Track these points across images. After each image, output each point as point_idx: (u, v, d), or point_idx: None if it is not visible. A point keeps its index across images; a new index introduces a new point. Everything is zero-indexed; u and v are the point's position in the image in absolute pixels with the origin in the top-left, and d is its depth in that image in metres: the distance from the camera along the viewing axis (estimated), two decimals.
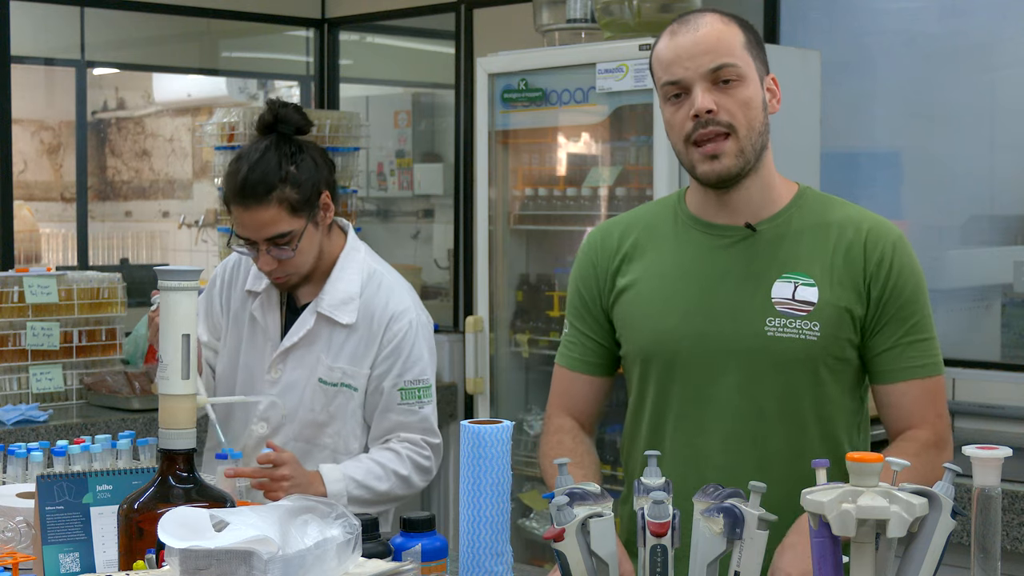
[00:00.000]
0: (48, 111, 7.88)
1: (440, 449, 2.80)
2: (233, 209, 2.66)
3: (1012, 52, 4.18)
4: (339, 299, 2.74)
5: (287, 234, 2.64)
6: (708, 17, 2.12)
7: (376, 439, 2.78)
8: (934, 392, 2.13)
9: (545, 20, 4.48)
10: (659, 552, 1.73)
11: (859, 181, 4.45)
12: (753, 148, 2.10)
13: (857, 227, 2.14)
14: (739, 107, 2.07)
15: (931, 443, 2.09)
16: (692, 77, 2.07)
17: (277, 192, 2.62)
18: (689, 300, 2.15)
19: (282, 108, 2.71)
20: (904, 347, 2.11)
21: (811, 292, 2.10)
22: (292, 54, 6.50)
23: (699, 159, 2.10)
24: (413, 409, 2.75)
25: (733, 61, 2.08)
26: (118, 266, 7.79)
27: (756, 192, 2.15)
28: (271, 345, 2.79)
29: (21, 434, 3.91)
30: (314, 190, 2.67)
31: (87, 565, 1.95)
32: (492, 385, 4.54)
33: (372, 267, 2.81)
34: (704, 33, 2.09)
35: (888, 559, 1.60)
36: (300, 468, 2.61)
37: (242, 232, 2.68)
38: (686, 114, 2.08)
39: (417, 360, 2.75)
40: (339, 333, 2.75)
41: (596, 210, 4.31)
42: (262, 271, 2.71)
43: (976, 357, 4.10)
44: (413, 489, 2.77)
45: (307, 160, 2.68)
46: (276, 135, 2.70)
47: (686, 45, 2.08)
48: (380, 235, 6.01)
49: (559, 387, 2.33)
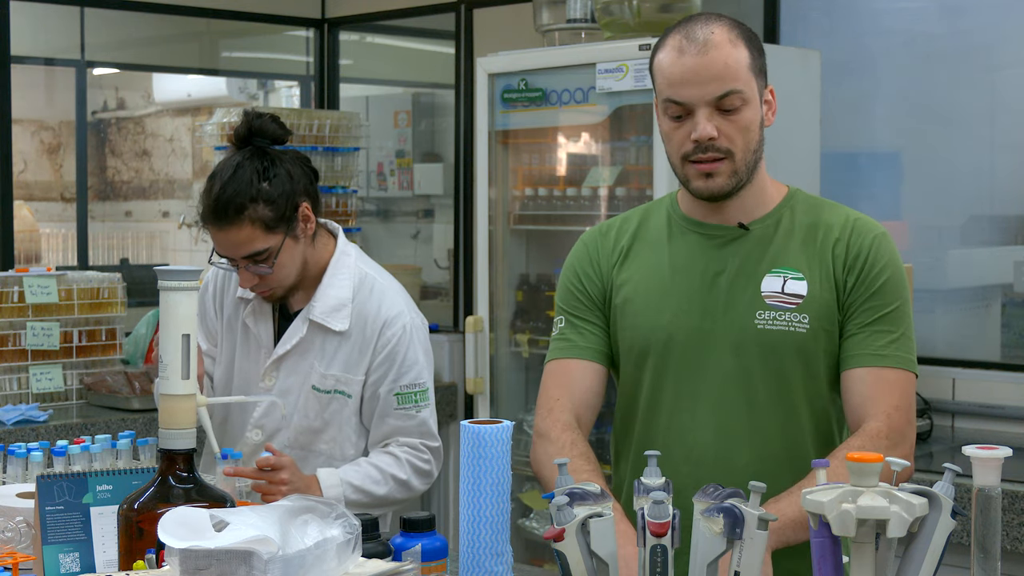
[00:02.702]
0: (48, 111, 7.88)
1: (439, 452, 2.79)
2: (209, 229, 2.64)
3: (1012, 52, 4.18)
4: (331, 306, 2.72)
5: (264, 251, 2.61)
6: (717, 36, 2.07)
7: (375, 444, 2.77)
8: (895, 384, 2.09)
9: (545, 20, 4.48)
10: (659, 552, 1.73)
11: (859, 181, 4.45)
12: (747, 167, 2.12)
13: (843, 225, 2.17)
14: (739, 132, 2.09)
15: (881, 434, 2.04)
16: (696, 102, 2.07)
17: (249, 211, 2.58)
18: (682, 297, 2.18)
19: (256, 120, 2.67)
20: (868, 334, 2.11)
21: (800, 286, 2.12)
22: (292, 54, 6.50)
23: (694, 175, 2.12)
24: (411, 413, 2.73)
25: (739, 88, 2.07)
26: (118, 266, 7.79)
27: (749, 198, 2.18)
28: (264, 353, 2.78)
29: (21, 434, 3.91)
30: (289, 205, 2.62)
31: (87, 565, 1.95)
32: (492, 385, 4.54)
33: (363, 271, 2.78)
34: (712, 58, 2.06)
35: (888, 559, 1.60)
36: (298, 472, 2.60)
37: (220, 251, 2.66)
38: (686, 135, 2.09)
39: (412, 364, 2.73)
40: (332, 340, 2.73)
41: (596, 210, 4.31)
42: (243, 287, 2.70)
43: (976, 357, 4.10)
44: (412, 493, 2.76)
45: (281, 174, 2.63)
46: (251, 149, 2.66)
47: (694, 68, 2.06)
48: (380, 235, 6.01)
49: (556, 379, 2.25)
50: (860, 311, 2.12)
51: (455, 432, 5.00)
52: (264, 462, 2.55)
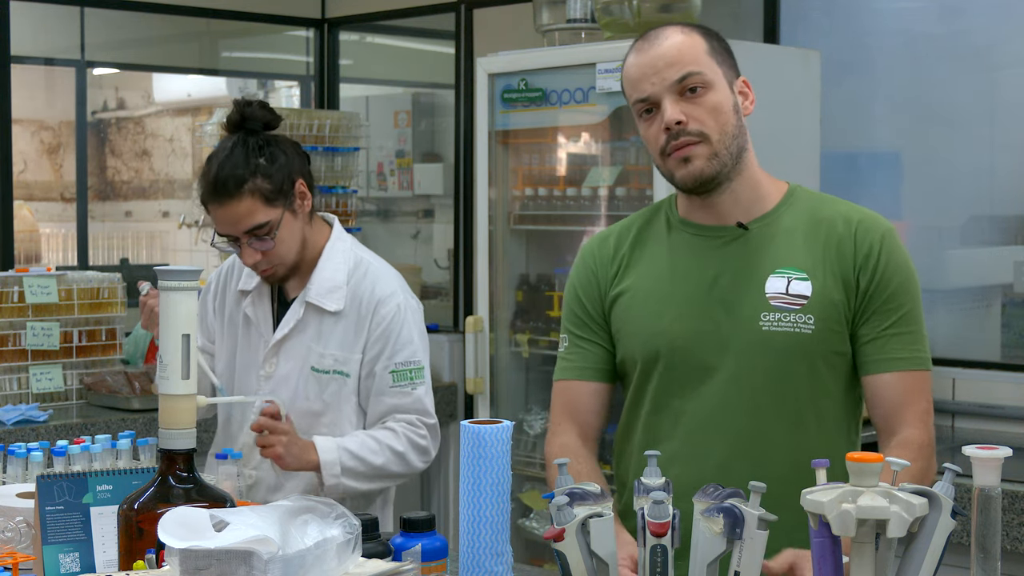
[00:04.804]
0: (48, 111, 7.88)
1: (436, 430, 2.83)
2: (210, 207, 2.72)
3: (1012, 52, 4.18)
4: (326, 288, 2.78)
5: (265, 224, 2.69)
6: (669, 30, 2.14)
7: (373, 423, 2.81)
8: (921, 387, 2.13)
9: (545, 20, 4.48)
10: (659, 552, 1.73)
11: (859, 181, 4.45)
12: (728, 152, 2.12)
13: (847, 221, 2.16)
14: (708, 114, 2.10)
15: (924, 443, 2.09)
16: (659, 91, 2.10)
17: (249, 184, 2.67)
18: (684, 300, 2.17)
19: (247, 107, 2.76)
20: (889, 338, 2.11)
21: (804, 286, 2.12)
22: (292, 54, 6.50)
23: (674, 165, 2.13)
24: (406, 391, 2.78)
25: (698, 69, 2.10)
26: (118, 266, 7.78)
27: (743, 193, 2.17)
28: (264, 341, 2.83)
29: (21, 434, 3.91)
30: (287, 178, 2.72)
31: (87, 565, 1.95)
32: (492, 385, 4.54)
33: (358, 255, 2.86)
34: (666, 47, 2.12)
35: (888, 559, 1.60)
36: (297, 435, 2.66)
37: (221, 229, 2.73)
38: (659, 128, 2.11)
39: (407, 342, 2.78)
40: (328, 321, 2.79)
41: (596, 210, 4.31)
42: (247, 265, 2.76)
43: (976, 357, 4.10)
44: (410, 468, 2.79)
45: (277, 151, 2.73)
46: (244, 132, 2.75)
47: (650, 61, 2.12)
48: (380, 235, 6.01)
49: (562, 400, 2.30)
50: (878, 314, 2.11)
51: (455, 432, 4.99)
52: (268, 411, 2.61)
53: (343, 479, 2.69)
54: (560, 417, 2.29)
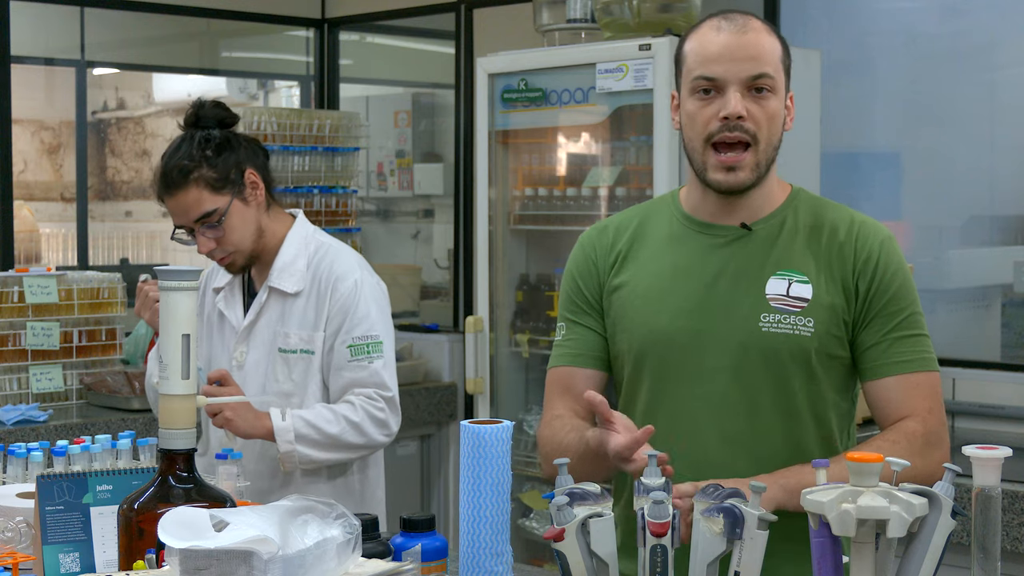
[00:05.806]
0: (48, 111, 7.88)
1: (395, 403, 2.87)
2: (164, 201, 2.84)
3: (1012, 52, 4.18)
4: (286, 272, 2.89)
5: (212, 212, 2.80)
6: (754, 21, 2.12)
7: (335, 399, 2.87)
8: (925, 387, 2.11)
9: (545, 20, 4.48)
10: (659, 552, 1.73)
11: (859, 181, 4.45)
12: (767, 162, 2.12)
13: (848, 227, 2.16)
14: (766, 119, 2.09)
15: (919, 433, 2.06)
16: (731, 79, 2.07)
17: (194, 174, 2.78)
18: (683, 298, 2.16)
19: (201, 107, 2.87)
20: (891, 342, 2.11)
21: (805, 289, 2.11)
22: (292, 54, 6.50)
23: (714, 166, 2.10)
24: (363, 364, 2.84)
25: (772, 73, 2.09)
26: (118, 266, 7.78)
27: (757, 198, 2.17)
28: (234, 330, 2.94)
29: (21, 434, 3.91)
30: (235, 168, 2.83)
31: (87, 565, 1.95)
32: (492, 385, 4.54)
33: (320, 240, 2.96)
34: (751, 38, 2.09)
35: (888, 559, 1.60)
36: (251, 404, 2.74)
37: (175, 220, 2.86)
38: (714, 113, 2.08)
39: (364, 317, 2.85)
40: (290, 302, 2.89)
41: (596, 210, 4.31)
42: (202, 253, 2.87)
43: (976, 357, 4.10)
44: (369, 440, 2.82)
45: (223, 143, 2.84)
46: (195, 130, 2.86)
47: (730, 45, 2.08)
48: (380, 235, 6.01)
49: (557, 386, 2.27)
50: (878, 319, 2.11)
51: (455, 432, 5.00)
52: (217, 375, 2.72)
53: (297, 446, 2.75)
54: (555, 401, 2.25)
